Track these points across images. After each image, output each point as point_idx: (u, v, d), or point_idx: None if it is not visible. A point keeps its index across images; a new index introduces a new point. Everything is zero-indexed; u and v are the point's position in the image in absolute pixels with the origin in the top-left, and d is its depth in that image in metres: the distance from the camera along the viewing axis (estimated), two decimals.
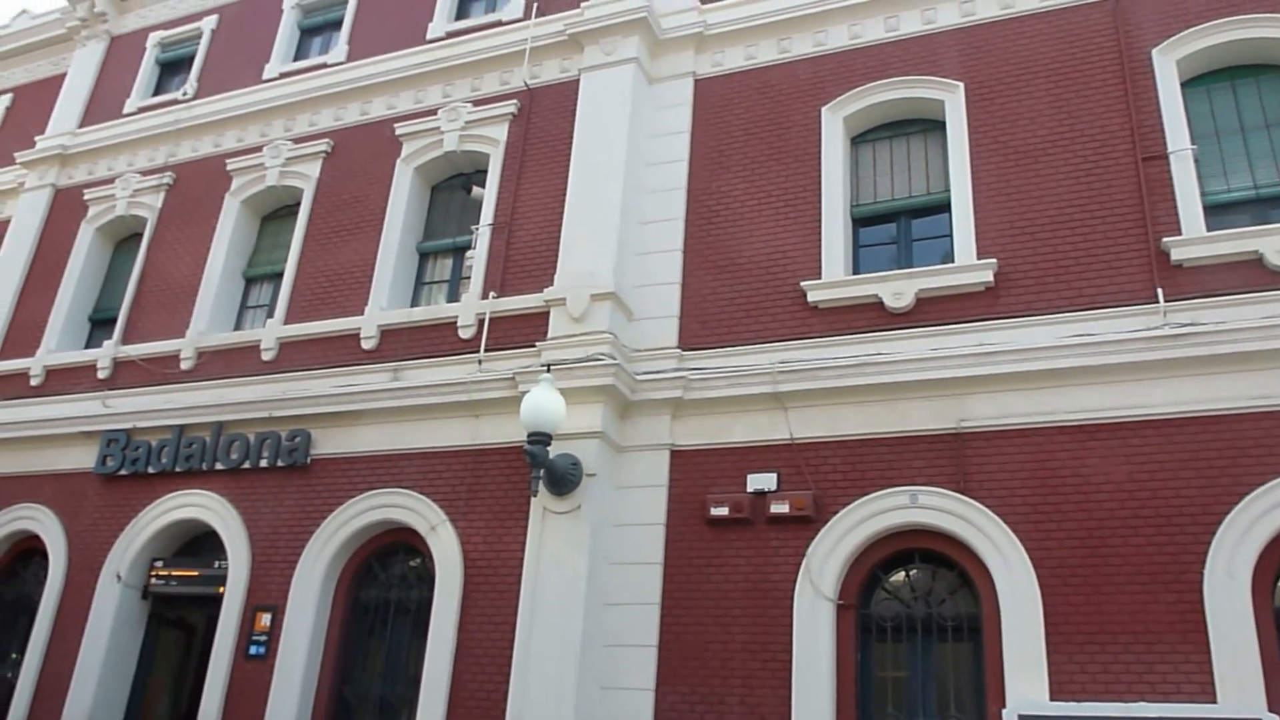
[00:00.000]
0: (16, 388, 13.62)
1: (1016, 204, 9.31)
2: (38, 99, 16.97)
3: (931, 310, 9.18)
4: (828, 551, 8.62)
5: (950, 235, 9.53)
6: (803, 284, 9.71)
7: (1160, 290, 8.39)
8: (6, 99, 17.60)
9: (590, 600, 8.95)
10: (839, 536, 8.63)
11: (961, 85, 10.02)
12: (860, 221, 10.25)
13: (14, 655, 12.18)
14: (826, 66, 10.79)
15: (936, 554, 8.51)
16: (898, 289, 9.29)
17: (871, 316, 9.38)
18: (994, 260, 9.06)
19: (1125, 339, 8.19)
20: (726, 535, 9.08)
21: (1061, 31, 9.89)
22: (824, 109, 10.53)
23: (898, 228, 10.09)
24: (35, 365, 13.57)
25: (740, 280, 10.08)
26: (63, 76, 16.69)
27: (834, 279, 9.65)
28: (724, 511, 9.07)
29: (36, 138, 15.85)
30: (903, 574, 8.67)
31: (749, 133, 10.82)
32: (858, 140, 10.60)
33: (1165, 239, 8.54)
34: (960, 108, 9.94)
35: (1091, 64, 9.62)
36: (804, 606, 8.51)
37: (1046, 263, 8.96)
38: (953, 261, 9.33)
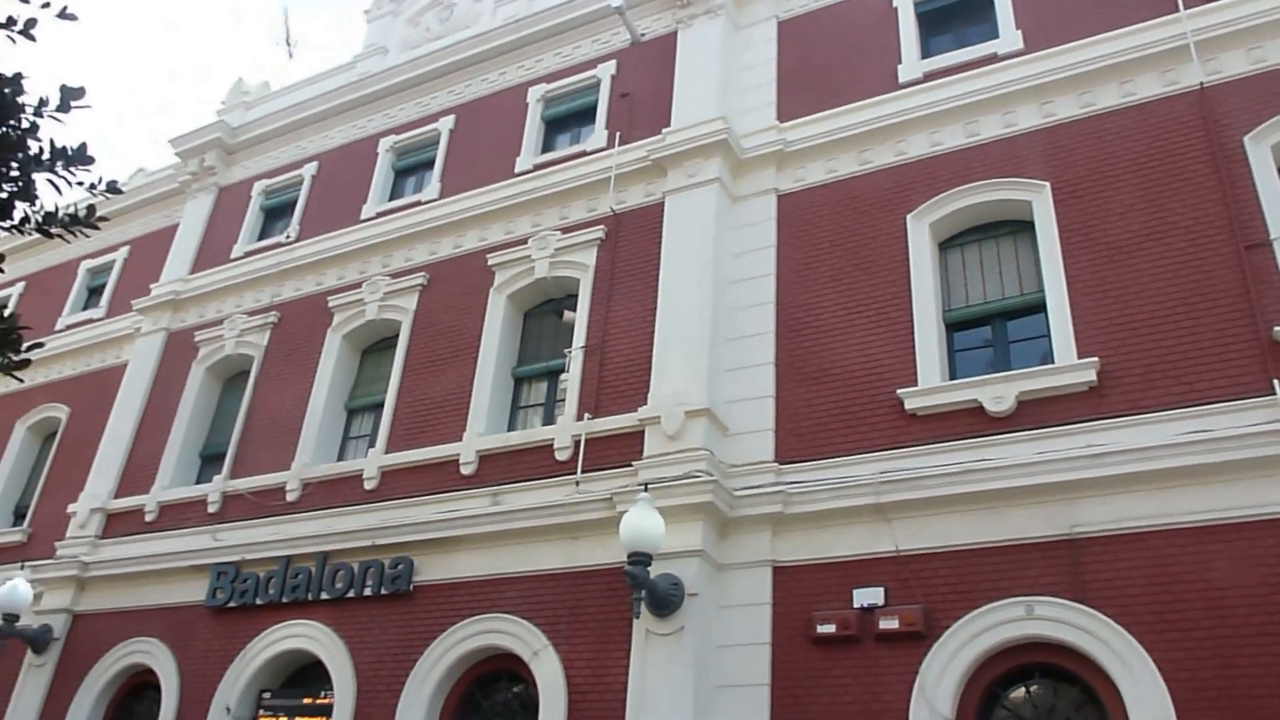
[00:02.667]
0: (132, 524, 14.07)
1: (1114, 300, 9.12)
2: (152, 249, 17.96)
3: (1034, 413, 8.95)
4: (942, 668, 8.27)
5: (1048, 335, 9.36)
6: (899, 392, 9.58)
7: (1276, 382, 8.07)
8: (124, 251, 18.66)
9: None
10: (953, 652, 8.29)
11: (1048, 185, 9.97)
12: (954, 326, 10.13)
13: None
14: (909, 175, 10.85)
15: (1057, 668, 8.10)
16: (998, 393, 9.11)
17: (972, 422, 9.19)
18: (1096, 359, 8.84)
19: (1243, 434, 7.86)
20: (834, 654, 8.80)
21: (1146, 125, 9.82)
22: (909, 217, 10.55)
23: (993, 331, 9.95)
24: (150, 502, 14.03)
25: (835, 391, 10.00)
26: (175, 227, 17.68)
27: (931, 385, 9.51)
28: (831, 629, 8.81)
29: (151, 285, 16.70)
30: (1023, 690, 8.25)
31: (835, 244, 10.86)
32: (945, 245, 10.56)
33: (1277, 328, 8.25)
34: (1048, 207, 9.87)
35: (1180, 155, 9.50)
36: None
37: (1151, 359, 8.71)
38: (1053, 362, 9.13)
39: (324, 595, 11.53)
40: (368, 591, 11.24)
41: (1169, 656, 7.53)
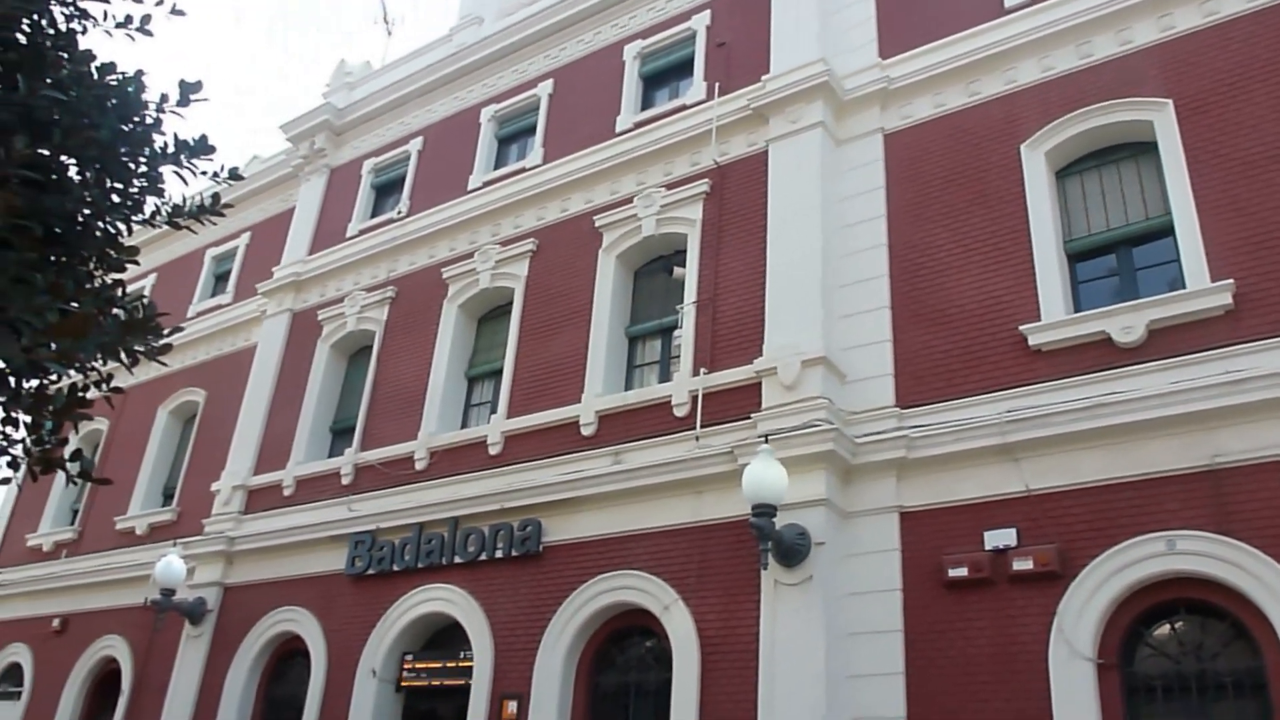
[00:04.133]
0: (272, 499, 14.68)
1: (1248, 219, 8.67)
2: (272, 233, 18.56)
3: (1166, 342, 8.61)
4: (1080, 608, 8.09)
5: (1178, 260, 8.98)
6: (1022, 328, 9.33)
7: None
8: (246, 237, 19.32)
9: (831, 673, 8.72)
10: (1091, 591, 8.10)
11: (1170, 102, 9.50)
12: (1076, 257, 9.79)
13: None
14: (1020, 103, 10.48)
15: (1203, 604, 7.84)
16: (1126, 323, 8.78)
17: (1100, 355, 8.89)
18: (1230, 281, 8.44)
19: None
20: (967, 597, 8.69)
21: (1276, 30, 9.26)
22: (1023, 146, 10.20)
23: (1118, 259, 9.59)
24: (286, 477, 14.61)
25: (954, 331, 9.79)
26: (292, 210, 18.21)
27: (1055, 319, 9.22)
28: (963, 572, 8.70)
29: (273, 268, 17.27)
30: (1167, 627, 8.03)
31: (946, 180, 10.58)
32: (1063, 173, 10.19)
33: None
34: (1172, 125, 9.41)
35: None
36: (1060, 668, 8.00)
37: None
38: (1184, 287, 8.76)
39: (457, 559, 11.86)
40: (499, 554, 11.53)
41: None
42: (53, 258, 4.85)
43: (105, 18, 5.25)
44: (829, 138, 11.34)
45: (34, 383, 4.94)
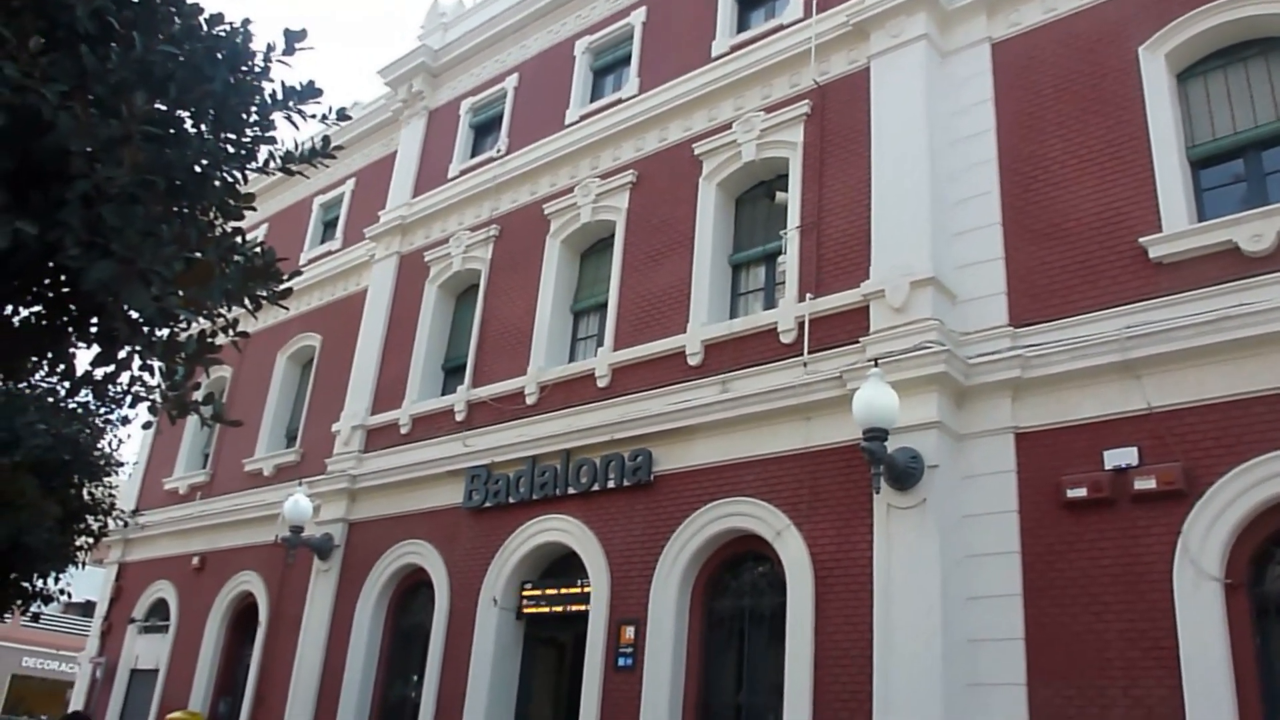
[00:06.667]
0: (390, 437, 15.13)
1: None
2: (376, 178, 18.86)
3: None
4: (1207, 527, 7.87)
5: None
6: (1141, 240, 8.98)
7: None
8: (351, 183, 19.68)
9: (947, 595, 8.69)
10: (1219, 510, 7.86)
11: None
12: (1199, 163, 9.34)
13: (415, 678, 13.46)
14: (1137, 3, 9.96)
15: None
16: (1256, 230, 8.38)
17: (1226, 265, 8.52)
18: None
19: None
20: (1087, 518, 8.53)
21: None
22: (1141, 49, 9.72)
23: (1245, 164, 9.12)
24: (403, 415, 15.02)
25: (1070, 246, 9.47)
26: (394, 155, 18.42)
27: (1177, 229, 8.85)
28: (1082, 493, 8.53)
29: (379, 213, 17.57)
30: None
31: (1059, 89, 10.17)
32: (1184, 76, 9.70)
33: None
34: None
35: None
36: (1185, 589, 7.82)
37: None
38: None
39: (571, 490, 12.09)
40: (611, 484, 11.70)
41: None
42: (176, 209, 5.01)
43: None
44: (933, 50, 10.99)
45: (165, 331, 5.15)
